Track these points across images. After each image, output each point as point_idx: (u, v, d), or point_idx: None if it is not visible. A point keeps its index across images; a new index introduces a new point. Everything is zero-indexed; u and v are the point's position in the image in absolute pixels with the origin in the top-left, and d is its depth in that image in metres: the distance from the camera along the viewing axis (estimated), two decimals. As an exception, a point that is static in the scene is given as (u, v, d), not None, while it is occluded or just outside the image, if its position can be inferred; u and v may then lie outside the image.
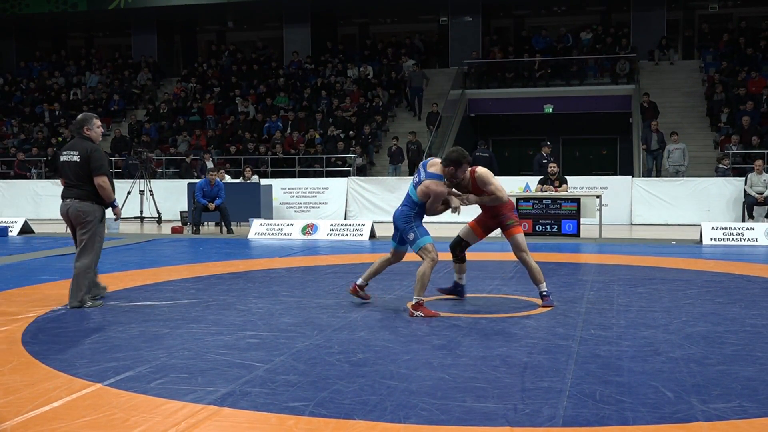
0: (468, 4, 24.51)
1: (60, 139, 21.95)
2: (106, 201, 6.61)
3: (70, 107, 24.29)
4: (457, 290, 6.87)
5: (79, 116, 6.85)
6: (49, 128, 23.19)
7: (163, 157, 20.65)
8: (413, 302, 6.12)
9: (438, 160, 6.32)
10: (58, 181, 19.15)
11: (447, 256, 6.83)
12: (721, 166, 16.55)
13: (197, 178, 17.19)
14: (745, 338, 5.29)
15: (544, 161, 16.02)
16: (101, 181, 6.52)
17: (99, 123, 6.83)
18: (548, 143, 16.48)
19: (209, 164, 17.69)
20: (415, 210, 6.26)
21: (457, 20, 24.88)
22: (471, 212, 7.05)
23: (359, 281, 6.68)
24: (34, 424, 3.62)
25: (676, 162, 16.78)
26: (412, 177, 6.68)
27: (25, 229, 14.21)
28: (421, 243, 6.16)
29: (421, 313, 6.04)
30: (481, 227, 6.74)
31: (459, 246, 6.72)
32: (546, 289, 6.55)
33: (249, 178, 15.98)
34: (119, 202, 6.78)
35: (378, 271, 6.66)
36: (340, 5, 26.35)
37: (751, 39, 21.79)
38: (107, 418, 3.70)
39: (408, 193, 6.34)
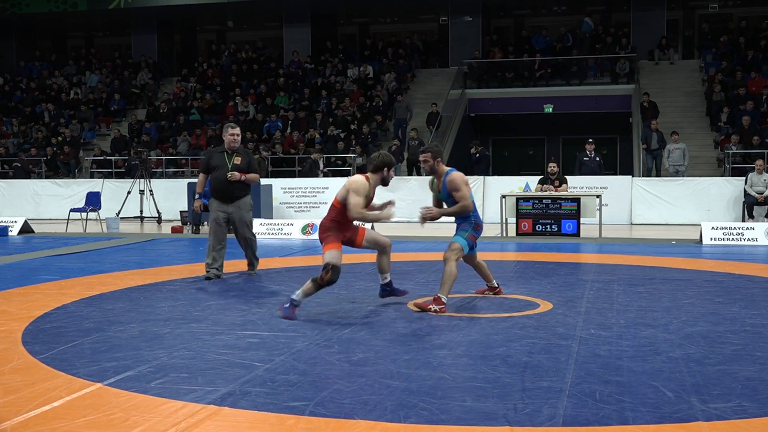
0: (468, 4, 24.50)
1: (60, 138, 21.94)
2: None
3: (70, 107, 24.32)
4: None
5: None
6: (48, 128, 23.18)
7: (163, 157, 20.65)
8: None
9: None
10: (58, 181, 19.28)
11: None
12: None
13: (314, 176, 17.45)
14: (745, 338, 5.29)
15: (586, 159, 16.02)
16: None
17: (232, 131, 8.12)
18: (590, 140, 16.49)
19: (321, 163, 17.93)
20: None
21: (457, 20, 24.88)
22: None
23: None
24: (34, 424, 3.62)
25: (676, 162, 16.77)
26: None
27: (25, 229, 14.19)
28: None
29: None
30: (343, 242, 6.33)
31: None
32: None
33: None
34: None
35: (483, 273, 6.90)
36: (340, 5, 26.34)
37: (751, 39, 21.80)
38: (107, 418, 3.70)
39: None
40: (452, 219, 6.60)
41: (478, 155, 18.33)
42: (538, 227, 12.87)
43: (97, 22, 28.60)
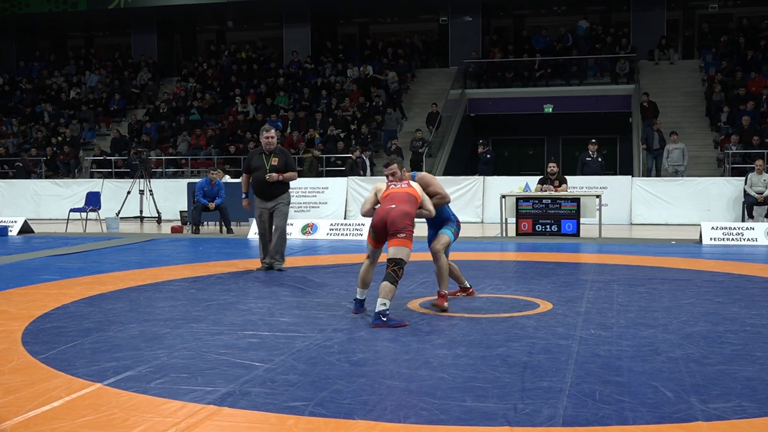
0: (468, 3, 24.50)
1: (59, 138, 21.94)
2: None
3: (70, 107, 24.31)
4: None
5: None
6: (48, 128, 23.18)
7: (163, 157, 20.65)
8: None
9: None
10: (58, 181, 19.29)
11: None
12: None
13: (360, 174, 17.45)
14: (745, 338, 5.29)
15: (588, 159, 16.03)
16: None
17: (267, 134, 8.69)
18: (593, 140, 16.52)
19: (367, 162, 17.99)
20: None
21: (457, 20, 24.88)
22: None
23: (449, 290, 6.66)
24: (34, 424, 3.62)
25: (675, 162, 16.76)
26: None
27: (25, 229, 14.18)
28: None
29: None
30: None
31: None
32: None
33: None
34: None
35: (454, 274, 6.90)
36: (340, 5, 26.34)
37: (751, 39, 21.79)
38: (107, 418, 3.70)
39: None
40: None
41: (488, 156, 18.36)
42: (538, 227, 12.86)
43: (97, 22, 28.59)
